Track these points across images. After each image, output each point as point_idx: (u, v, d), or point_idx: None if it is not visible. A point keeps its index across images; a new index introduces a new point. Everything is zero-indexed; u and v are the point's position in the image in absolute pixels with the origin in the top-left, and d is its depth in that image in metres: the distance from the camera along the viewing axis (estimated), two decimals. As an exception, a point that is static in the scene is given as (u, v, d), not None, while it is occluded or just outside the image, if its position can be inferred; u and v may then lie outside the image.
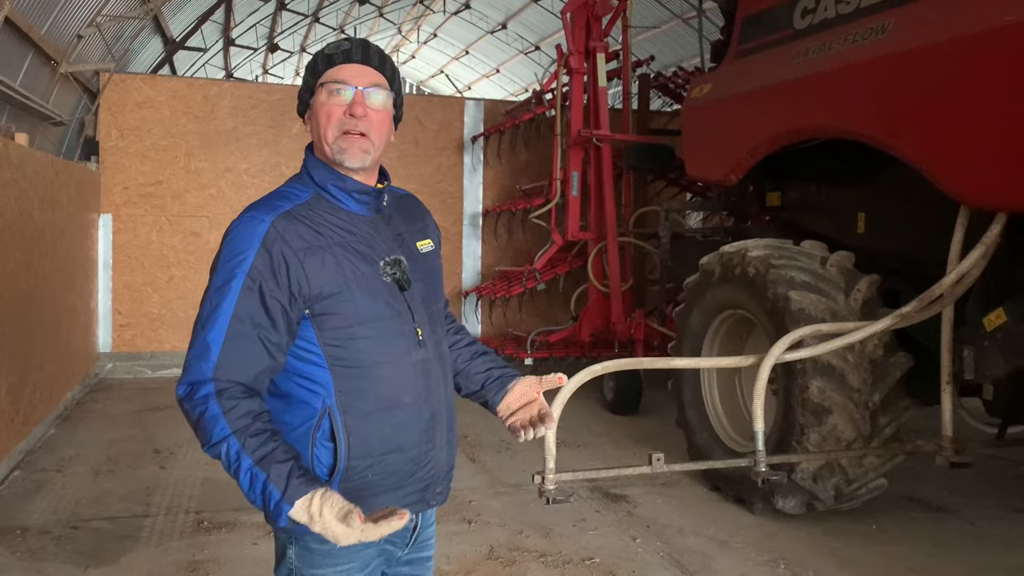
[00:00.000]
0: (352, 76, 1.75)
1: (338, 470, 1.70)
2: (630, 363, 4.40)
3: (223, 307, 1.64)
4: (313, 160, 1.81)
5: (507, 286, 8.86)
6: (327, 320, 1.69)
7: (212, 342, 1.63)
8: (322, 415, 1.69)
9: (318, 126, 1.76)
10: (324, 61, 1.77)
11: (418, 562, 1.93)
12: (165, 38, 12.86)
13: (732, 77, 5.71)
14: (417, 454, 1.78)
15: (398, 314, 1.76)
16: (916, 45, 4.14)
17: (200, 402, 1.60)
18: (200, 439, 1.62)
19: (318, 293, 1.68)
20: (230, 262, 1.66)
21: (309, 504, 1.54)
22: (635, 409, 7.44)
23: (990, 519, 4.80)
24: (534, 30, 20.90)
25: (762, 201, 6.02)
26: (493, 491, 5.19)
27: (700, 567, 4.09)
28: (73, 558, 4.07)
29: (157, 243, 9.15)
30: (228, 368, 1.62)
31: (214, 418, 1.59)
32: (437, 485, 1.86)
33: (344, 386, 1.70)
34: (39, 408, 6.15)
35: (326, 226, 1.73)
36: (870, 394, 4.42)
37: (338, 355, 1.70)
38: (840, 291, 4.63)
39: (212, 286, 1.68)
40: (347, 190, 1.77)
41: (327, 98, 1.75)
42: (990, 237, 3.94)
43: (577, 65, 8.04)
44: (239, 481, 1.59)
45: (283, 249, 1.66)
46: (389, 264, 1.77)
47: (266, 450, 1.58)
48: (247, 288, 1.64)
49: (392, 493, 1.76)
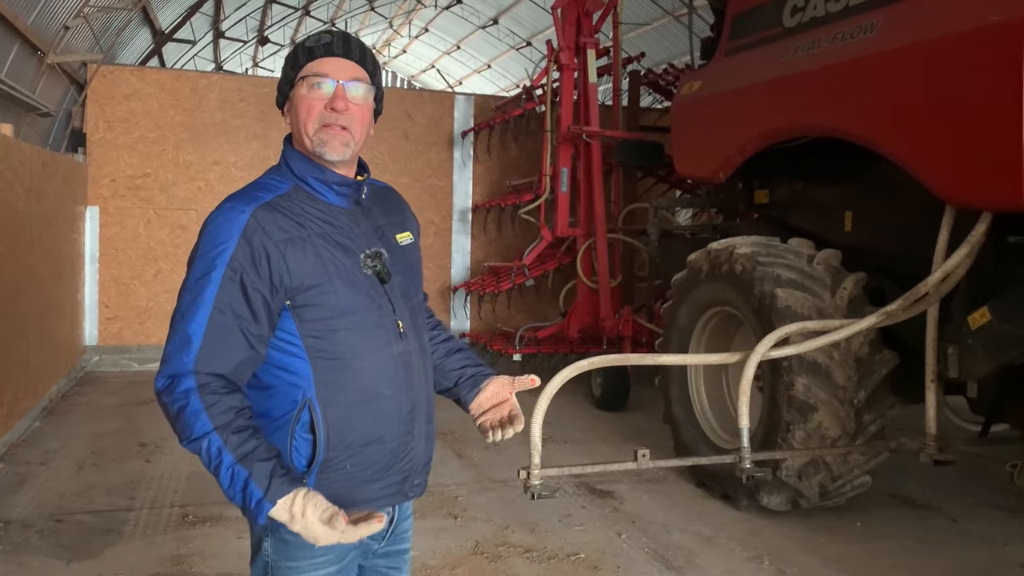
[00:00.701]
0: (333, 70, 1.74)
1: (317, 461, 1.69)
2: (618, 359, 4.40)
3: (203, 298, 1.62)
4: (292, 151, 1.80)
5: (496, 282, 8.86)
6: (308, 311, 1.68)
7: (193, 333, 1.61)
8: (302, 407, 1.69)
9: (298, 119, 1.75)
10: (305, 54, 1.76)
11: (395, 555, 1.93)
12: (154, 30, 12.78)
13: (722, 74, 5.72)
14: (396, 446, 1.78)
15: (379, 307, 1.76)
16: (904, 44, 4.15)
17: (181, 396, 1.59)
18: (179, 434, 1.60)
19: (300, 284, 1.67)
20: (210, 253, 1.65)
21: (291, 504, 1.55)
22: (622, 405, 7.45)
23: (973, 516, 4.83)
24: (525, 26, 20.88)
25: (750, 199, 6.03)
26: (479, 486, 5.19)
27: (685, 563, 4.11)
28: (56, 552, 4.05)
29: (144, 236, 9.10)
30: (209, 360, 1.61)
31: (195, 413, 1.57)
32: (415, 477, 1.85)
33: (324, 378, 1.69)
34: (24, 401, 6.11)
35: (306, 217, 1.72)
36: (855, 392, 4.44)
37: (318, 347, 1.69)
38: (826, 289, 4.64)
39: (191, 277, 1.66)
40: (327, 182, 1.77)
41: (308, 91, 1.74)
42: (975, 236, 3.96)
43: (568, 61, 8.04)
44: (219, 477, 1.58)
45: (264, 240, 1.65)
46: (370, 256, 1.76)
47: (248, 447, 1.57)
48: (228, 279, 1.62)
49: (370, 485, 1.75)
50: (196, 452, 1.59)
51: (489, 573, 3.93)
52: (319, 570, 1.73)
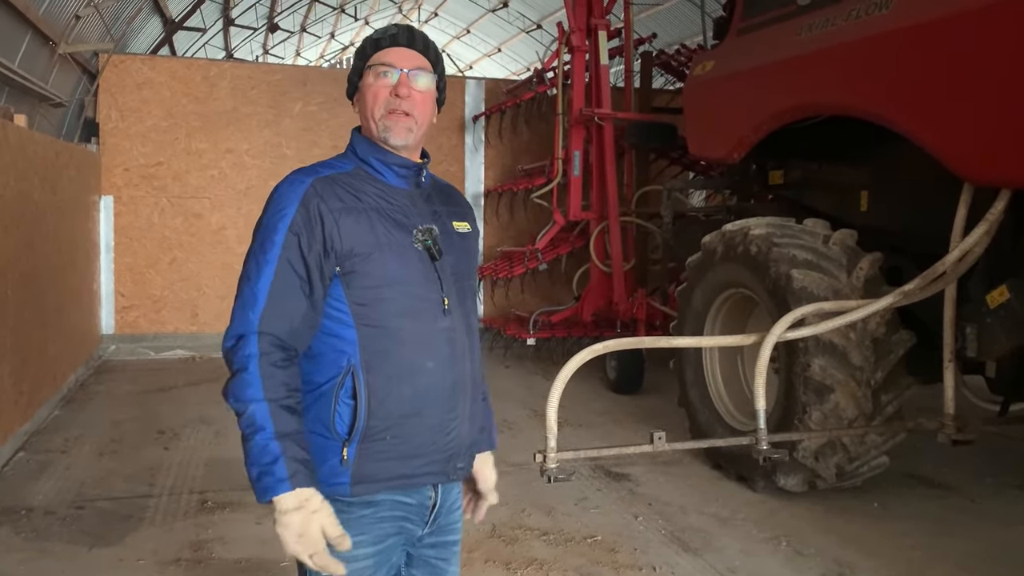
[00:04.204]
0: (398, 59, 1.83)
1: (357, 428, 1.73)
2: (632, 342, 4.39)
3: (267, 259, 1.71)
4: (358, 137, 1.90)
5: (509, 266, 8.84)
6: (356, 279, 1.74)
7: (259, 292, 1.70)
8: (346, 373, 1.74)
9: (365, 106, 1.85)
10: (372, 45, 1.86)
11: (443, 546, 1.94)
12: (164, 18, 12.78)
13: (734, 54, 5.67)
14: (438, 422, 1.80)
15: (427, 280, 1.80)
16: (920, 20, 4.09)
17: (244, 359, 1.67)
18: (229, 389, 1.68)
19: (349, 250, 1.73)
20: (273, 218, 1.74)
21: (307, 500, 1.62)
22: (637, 388, 7.44)
23: (991, 496, 4.81)
24: (536, 8, 20.73)
25: (765, 180, 5.99)
26: (496, 470, 5.20)
27: (702, 545, 4.11)
28: (78, 537, 4.10)
29: (159, 225, 9.14)
30: (273, 318, 1.69)
31: (252, 377, 1.65)
32: (459, 459, 1.86)
33: (368, 345, 1.74)
34: (43, 389, 6.17)
35: (364, 193, 1.80)
36: (872, 372, 4.41)
37: (364, 314, 1.75)
38: (842, 269, 4.61)
39: (256, 242, 1.76)
40: (388, 163, 1.85)
41: (375, 80, 1.83)
42: (994, 214, 3.91)
43: (579, 43, 7.98)
44: (249, 444, 1.64)
45: (320, 206, 1.73)
46: (422, 231, 1.82)
47: (289, 428, 1.64)
48: (288, 241, 1.71)
49: (413, 460, 1.78)
50: (239, 412, 1.66)
51: (506, 556, 3.94)
52: (357, 549, 1.73)
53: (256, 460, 1.62)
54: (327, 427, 1.73)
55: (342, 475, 1.73)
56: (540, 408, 5.09)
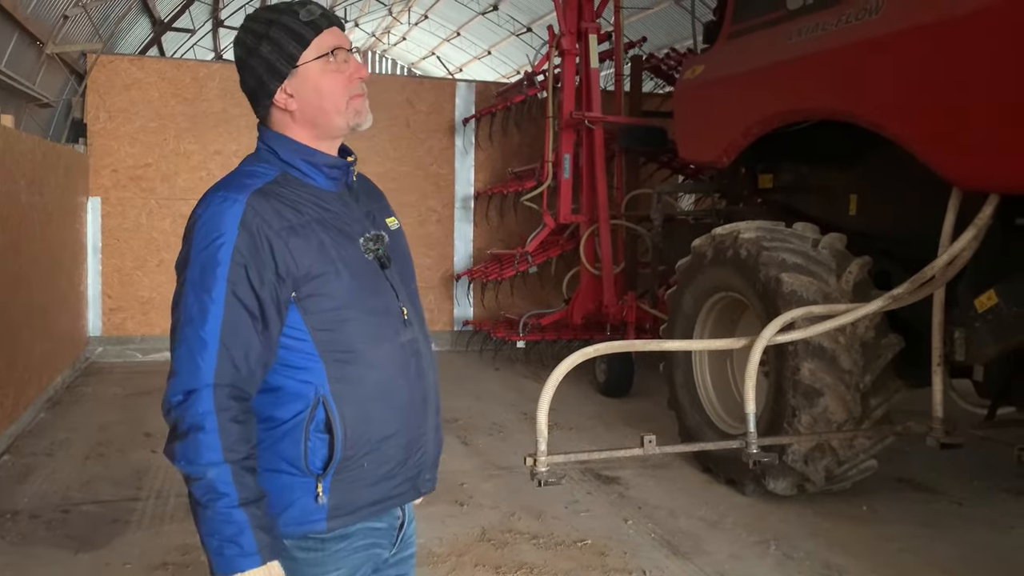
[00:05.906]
0: (344, 40, 1.67)
1: (334, 461, 1.60)
2: (622, 345, 4.39)
3: (213, 297, 1.50)
4: (275, 136, 1.69)
5: (499, 269, 8.84)
6: (314, 302, 1.59)
7: (208, 336, 1.50)
8: (315, 405, 1.58)
9: (322, 98, 1.65)
10: (312, 28, 1.64)
11: (403, 561, 1.83)
12: (153, 19, 12.72)
13: (725, 58, 5.68)
14: (410, 439, 1.71)
15: (383, 292, 1.68)
16: (909, 25, 4.11)
17: (197, 416, 1.49)
18: (182, 454, 1.49)
19: (305, 274, 1.57)
20: (207, 249, 1.52)
21: (274, 571, 1.52)
22: (627, 391, 7.44)
23: (979, 500, 4.83)
24: (526, 11, 20.73)
25: (754, 183, 6.01)
26: (485, 473, 5.20)
27: (691, 548, 4.11)
28: (64, 542, 4.06)
29: (147, 226, 9.08)
30: (227, 366, 1.50)
31: (210, 438, 1.48)
32: (427, 471, 1.77)
33: (338, 373, 1.60)
34: (28, 392, 6.11)
35: (301, 203, 1.62)
36: (861, 376, 4.42)
37: (328, 340, 1.60)
38: (832, 273, 4.62)
39: (190, 278, 1.53)
40: (317, 164, 1.67)
41: (338, 65, 1.65)
42: (982, 219, 3.93)
43: (569, 46, 7.98)
44: (210, 511, 1.48)
45: (264, 229, 1.54)
46: (371, 240, 1.68)
47: (253, 494, 1.50)
48: (235, 274, 1.51)
49: (386, 483, 1.68)
50: (193, 476, 1.49)
51: (496, 560, 3.93)
52: None
53: (216, 531, 1.48)
54: (295, 464, 1.59)
55: (316, 512, 1.61)
56: (530, 411, 5.08)
